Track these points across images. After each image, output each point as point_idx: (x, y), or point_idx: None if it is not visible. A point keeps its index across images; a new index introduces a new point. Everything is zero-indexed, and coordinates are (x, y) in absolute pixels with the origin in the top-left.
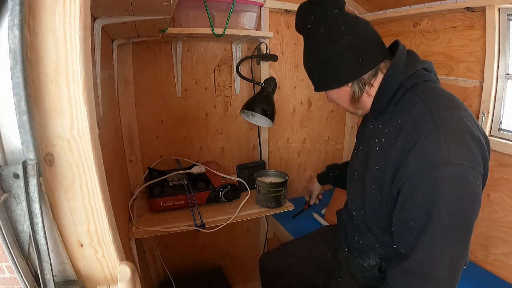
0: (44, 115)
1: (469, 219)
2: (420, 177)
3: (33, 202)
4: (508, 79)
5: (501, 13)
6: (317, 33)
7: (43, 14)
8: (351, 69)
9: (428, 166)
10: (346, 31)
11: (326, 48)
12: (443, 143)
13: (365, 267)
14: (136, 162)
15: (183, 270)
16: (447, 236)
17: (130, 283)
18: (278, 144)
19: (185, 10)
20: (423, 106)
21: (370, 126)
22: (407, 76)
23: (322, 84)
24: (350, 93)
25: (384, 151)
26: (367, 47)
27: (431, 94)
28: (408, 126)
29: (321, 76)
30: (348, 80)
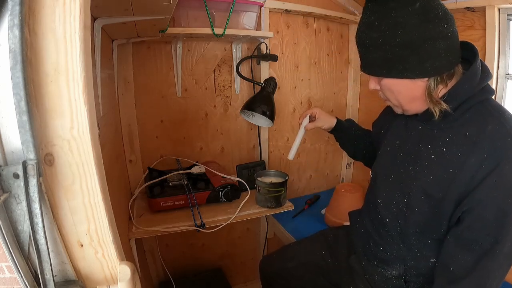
0: (44, 115)
1: None
2: (496, 201)
3: (33, 202)
4: (508, 79)
5: (501, 13)
6: (410, 6)
7: (43, 14)
8: (439, 62)
9: (507, 192)
10: (443, 18)
11: (418, 30)
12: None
13: (388, 277)
14: (136, 162)
15: (183, 270)
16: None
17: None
18: (278, 144)
19: (185, 10)
20: (499, 124)
21: (418, 127)
22: (480, 88)
23: (391, 69)
24: (426, 88)
25: (444, 162)
26: (456, 43)
27: (502, 111)
28: (484, 144)
29: (396, 60)
30: (431, 74)
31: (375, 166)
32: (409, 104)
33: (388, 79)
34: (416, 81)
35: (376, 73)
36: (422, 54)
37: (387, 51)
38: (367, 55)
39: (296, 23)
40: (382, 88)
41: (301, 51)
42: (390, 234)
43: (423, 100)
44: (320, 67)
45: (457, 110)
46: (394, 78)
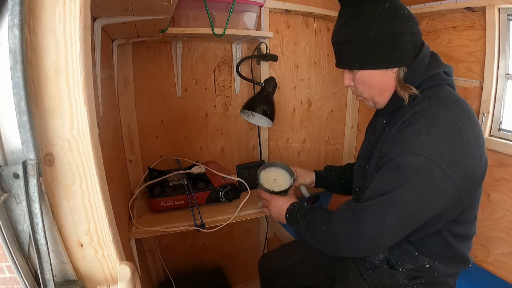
0: (44, 115)
1: (415, 209)
2: (391, 157)
3: (33, 202)
4: (508, 79)
5: (501, 13)
6: (380, 6)
7: (43, 14)
8: (406, 54)
9: (400, 151)
10: (408, 17)
11: (389, 25)
12: (422, 136)
13: (376, 264)
14: (136, 162)
15: (183, 270)
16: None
17: (130, 283)
18: (278, 144)
19: (185, 10)
20: (427, 103)
21: (383, 121)
22: (427, 76)
23: (365, 61)
24: (396, 78)
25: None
26: (419, 41)
27: (441, 94)
28: (407, 116)
29: (370, 52)
30: (400, 64)
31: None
32: (379, 95)
33: (362, 72)
34: (387, 71)
35: (352, 66)
36: (392, 46)
37: (361, 45)
38: (342, 51)
39: (296, 23)
40: (356, 82)
41: (301, 51)
42: None
43: (390, 91)
44: (320, 67)
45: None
46: (367, 69)
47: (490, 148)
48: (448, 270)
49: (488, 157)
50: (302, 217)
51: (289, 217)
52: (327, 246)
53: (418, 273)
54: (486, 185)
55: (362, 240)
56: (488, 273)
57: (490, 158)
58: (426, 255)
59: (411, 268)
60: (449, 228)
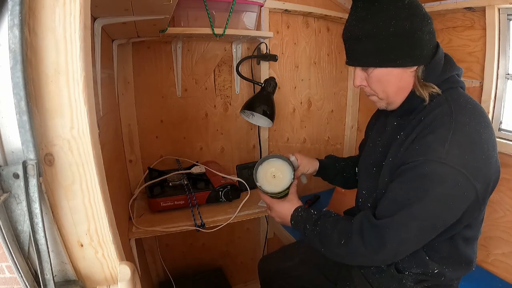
0: (44, 115)
1: (438, 219)
2: (413, 165)
3: (33, 202)
4: (508, 79)
5: (501, 13)
6: (400, 2)
7: (43, 14)
8: (426, 53)
9: (423, 159)
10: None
11: (409, 21)
12: (447, 144)
13: (383, 269)
14: (136, 162)
15: (183, 270)
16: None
17: (130, 283)
18: (278, 144)
19: (185, 10)
20: (447, 108)
21: (394, 123)
22: (443, 79)
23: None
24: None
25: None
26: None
27: (459, 98)
28: (426, 121)
29: (390, 48)
30: (420, 62)
31: (360, 162)
32: (395, 95)
33: (379, 69)
34: (406, 70)
35: (368, 63)
36: (412, 43)
37: (380, 41)
38: (357, 47)
39: (296, 23)
40: (371, 81)
41: (301, 51)
42: None
43: (407, 91)
44: (320, 67)
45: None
46: (386, 67)
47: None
48: (454, 274)
49: None
50: (311, 228)
51: (294, 224)
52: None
53: (425, 277)
54: None
55: (384, 254)
56: (488, 273)
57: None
58: (435, 260)
59: (418, 272)
60: (462, 232)
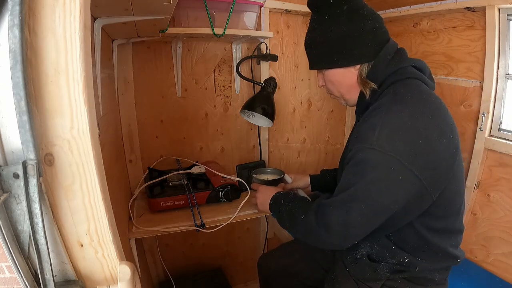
0: (44, 115)
1: (376, 203)
2: (352, 153)
3: (33, 202)
4: (508, 79)
5: (501, 13)
6: (338, 9)
7: (43, 14)
8: (366, 51)
9: (359, 147)
10: (367, 16)
11: (346, 26)
12: (377, 131)
13: (357, 257)
14: (136, 162)
15: (183, 270)
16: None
17: (130, 283)
18: (278, 144)
19: (185, 10)
20: (386, 99)
21: (358, 121)
22: (390, 72)
23: (329, 61)
24: (358, 74)
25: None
26: (381, 37)
27: (401, 89)
28: (366, 113)
29: (332, 52)
30: (361, 61)
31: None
32: (347, 93)
33: (328, 71)
34: (349, 69)
35: (319, 66)
36: (350, 45)
37: (324, 47)
38: (311, 54)
39: (296, 23)
40: (326, 81)
41: (301, 51)
42: None
43: (358, 89)
44: None
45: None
46: (331, 68)
47: (490, 148)
48: (430, 265)
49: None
50: (285, 203)
51: (273, 204)
52: (303, 236)
53: (399, 267)
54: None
55: (330, 234)
56: (488, 273)
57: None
58: (405, 250)
59: (392, 262)
60: (424, 222)
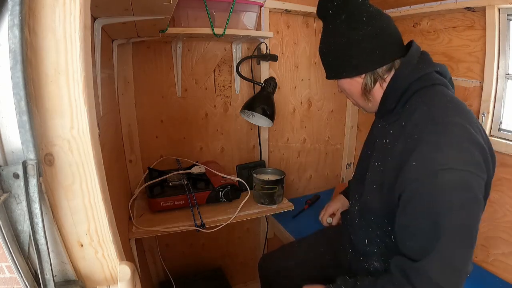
0: (44, 115)
1: (472, 226)
2: (419, 183)
3: (33, 202)
4: (508, 79)
5: (501, 13)
6: (337, 19)
7: (43, 14)
8: (367, 60)
9: (427, 172)
10: (367, 22)
11: (345, 36)
12: (443, 149)
13: (372, 272)
14: (136, 162)
15: (183, 270)
16: (453, 243)
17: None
18: (278, 144)
19: (185, 10)
20: (426, 110)
21: (378, 125)
22: (416, 77)
23: (335, 72)
24: (362, 85)
25: (385, 153)
26: (386, 41)
27: (436, 98)
28: (408, 129)
29: (335, 63)
30: (362, 71)
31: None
32: (361, 101)
33: (339, 81)
34: (354, 79)
35: (329, 77)
36: (350, 56)
37: (329, 57)
38: (323, 64)
39: (296, 23)
40: (339, 89)
41: (301, 51)
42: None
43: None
44: (320, 67)
45: (399, 103)
46: (339, 79)
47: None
48: None
49: None
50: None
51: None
52: None
53: None
54: None
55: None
56: (488, 273)
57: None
58: None
59: None
60: None
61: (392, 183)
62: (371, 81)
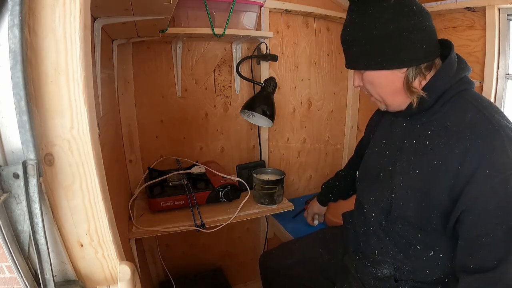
0: (44, 115)
1: None
2: (493, 191)
3: (33, 202)
4: (508, 79)
5: (501, 13)
6: (385, 3)
7: (43, 14)
8: (416, 53)
9: (500, 178)
10: (418, 12)
11: (393, 23)
12: (510, 152)
13: (380, 277)
14: (136, 162)
15: (183, 270)
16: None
17: (130, 283)
18: (278, 144)
19: (185, 10)
20: (478, 112)
21: (403, 124)
22: (457, 79)
23: (370, 61)
24: (404, 79)
25: (429, 155)
26: (432, 37)
27: (481, 100)
28: (466, 132)
29: (375, 52)
30: (407, 65)
31: (362, 167)
32: (391, 97)
33: (369, 72)
34: (395, 72)
35: (358, 67)
36: (397, 45)
37: (366, 44)
38: (349, 51)
39: (296, 23)
40: (364, 82)
41: (301, 51)
42: (376, 230)
43: (404, 93)
44: (320, 67)
45: (436, 103)
46: (373, 70)
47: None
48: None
49: None
50: None
51: None
52: None
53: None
54: None
55: None
56: None
57: None
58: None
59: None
60: None
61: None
62: (413, 76)
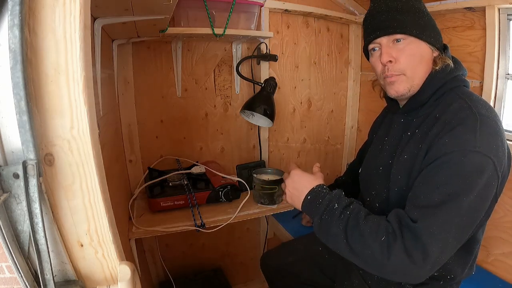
0: (44, 115)
1: (477, 211)
2: (448, 158)
3: (33, 202)
4: (508, 79)
5: (501, 13)
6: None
7: (43, 14)
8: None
9: (458, 149)
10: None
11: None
12: (478, 134)
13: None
14: (136, 162)
15: (183, 270)
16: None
17: (130, 283)
18: (278, 144)
19: (185, 10)
20: (464, 102)
21: (401, 120)
22: (451, 77)
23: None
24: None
25: (417, 141)
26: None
27: (470, 95)
28: (446, 116)
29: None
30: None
31: (365, 164)
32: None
33: (415, 43)
34: (433, 52)
35: (409, 32)
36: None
37: (420, 16)
38: (399, 17)
39: (296, 23)
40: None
41: (301, 51)
42: None
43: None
44: (320, 67)
45: (431, 98)
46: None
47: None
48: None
49: None
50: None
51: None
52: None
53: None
54: None
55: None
56: (488, 273)
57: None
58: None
59: None
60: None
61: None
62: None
